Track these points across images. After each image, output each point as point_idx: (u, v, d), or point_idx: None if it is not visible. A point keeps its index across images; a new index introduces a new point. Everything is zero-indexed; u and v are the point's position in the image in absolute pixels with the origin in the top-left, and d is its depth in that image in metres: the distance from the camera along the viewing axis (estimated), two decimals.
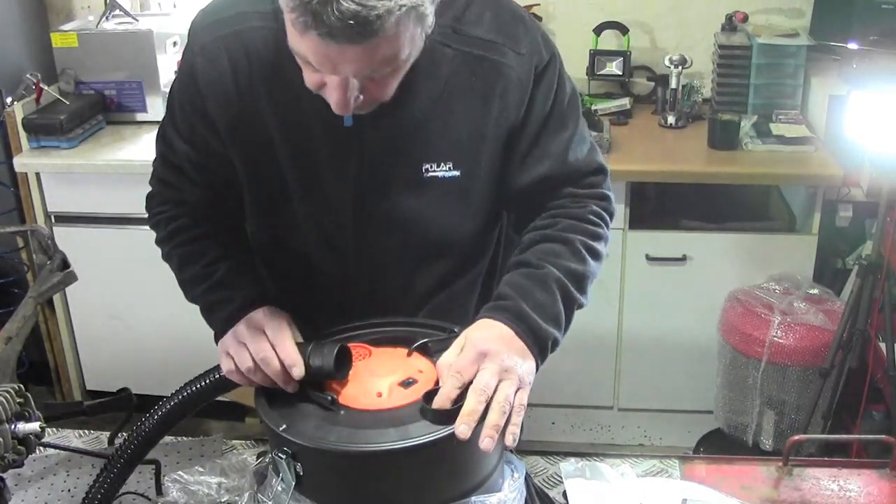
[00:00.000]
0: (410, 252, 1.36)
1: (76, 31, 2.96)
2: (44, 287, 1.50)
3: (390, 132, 1.26)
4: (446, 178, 1.28)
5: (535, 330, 1.20)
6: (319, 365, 1.15)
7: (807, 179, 2.70)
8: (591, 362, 2.91)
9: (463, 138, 1.27)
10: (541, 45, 1.29)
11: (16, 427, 1.18)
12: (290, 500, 1.10)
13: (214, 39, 1.27)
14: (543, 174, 1.31)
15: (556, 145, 1.31)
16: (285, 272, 1.43)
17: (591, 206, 1.34)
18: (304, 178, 1.30)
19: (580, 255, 1.28)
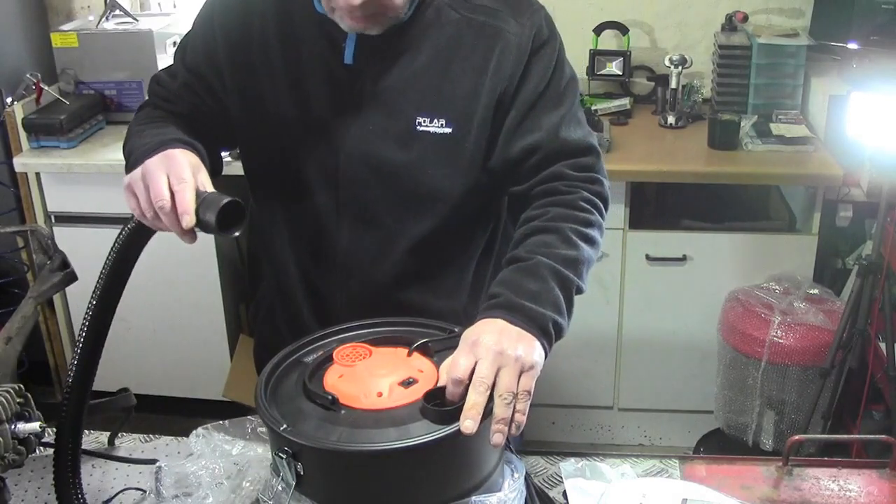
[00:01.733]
0: (396, 202, 1.37)
1: (76, 31, 2.96)
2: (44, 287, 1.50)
3: (387, 80, 1.31)
4: (438, 133, 1.32)
5: (532, 316, 1.17)
6: (204, 218, 1.13)
7: (807, 179, 2.70)
8: (591, 362, 2.91)
9: (458, 96, 1.31)
10: (543, 22, 1.35)
11: (16, 427, 1.18)
12: (290, 500, 1.10)
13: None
14: (534, 144, 1.33)
15: (549, 120, 1.33)
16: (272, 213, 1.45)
17: (582, 192, 1.33)
18: (303, 120, 1.35)
19: (571, 242, 1.27)
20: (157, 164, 1.20)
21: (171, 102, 1.43)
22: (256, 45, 1.36)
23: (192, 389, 2.99)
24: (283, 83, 1.35)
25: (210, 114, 1.42)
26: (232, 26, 1.37)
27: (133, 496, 1.40)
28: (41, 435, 1.22)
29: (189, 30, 1.46)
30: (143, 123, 1.39)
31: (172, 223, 1.16)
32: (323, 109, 1.34)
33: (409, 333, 1.26)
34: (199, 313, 2.95)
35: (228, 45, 1.37)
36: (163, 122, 1.38)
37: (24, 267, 3.00)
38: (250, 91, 1.37)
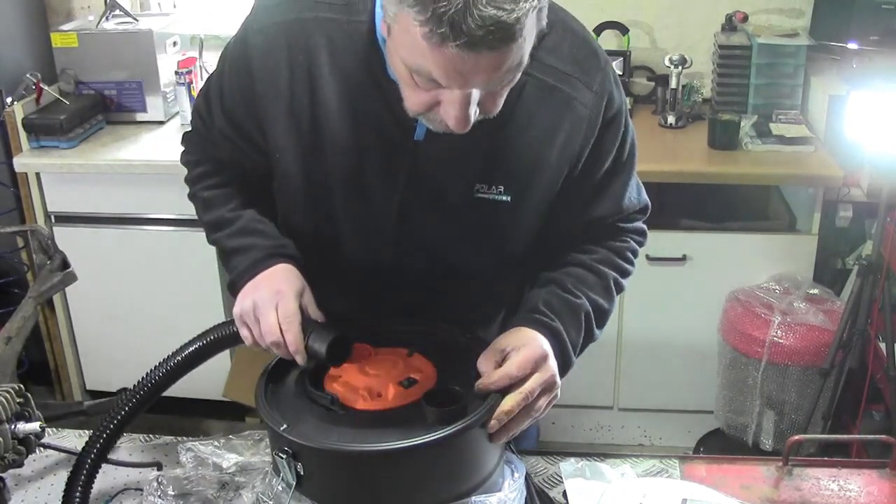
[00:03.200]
0: (446, 268, 1.33)
1: (76, 31, 2.96)
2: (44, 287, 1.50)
3: (447, 149, 1.21)
4: (496, 200, 1.25)
5: (566, 359, 1.25)
6: (315, 350, 1.17)
7: (807, 179, 2.70)
8: (591, 362, 2.90)
9: (521, 165, 1.24)
10: (612, 86, 1.26)
11: (16, 427, 1.18)
12: (290, 500, 1.10)
13: (275, 24, 1.22)
14: (600, 216, 1.33)
15: (616, 189, 1.32)
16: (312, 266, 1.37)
17: (631, 243, 1.37)
18: (352, 183, 1.27)
19: (609, 292, 1.32)
20: (266, 300, 1.21)
21: (213, 152, 1.40)
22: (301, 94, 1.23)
23: (192, 389, 2.96)
24: (333, 144, 1.25)
25: (251, 159, 1.35)
26: (274, 77, 1.23)
27: (133, 496, 1.40)
28: (41, 435, 1.22)
29: (218, 69, 1.33)
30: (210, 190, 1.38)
31: (285, 355, 1.20)
32: (377, 177, 1.26)
33: (410, 333, 1.26)
34: (199, 313, 2.95)
35: (272, 97, 1.24)
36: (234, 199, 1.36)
37: (24, 267, 3.00)
38: (294, 148, 1.27)
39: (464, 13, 0.95)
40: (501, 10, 0.96)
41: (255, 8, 1.27)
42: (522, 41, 1.01)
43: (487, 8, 0.95)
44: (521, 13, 0.97)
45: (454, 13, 0.95)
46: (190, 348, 1.26)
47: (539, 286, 1.31)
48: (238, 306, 1.25)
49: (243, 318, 1.24)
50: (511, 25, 0.97)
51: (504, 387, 1.12)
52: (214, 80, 1.34)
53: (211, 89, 1.35)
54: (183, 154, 1.46)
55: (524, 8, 0.97)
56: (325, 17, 1.20)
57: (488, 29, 0.96)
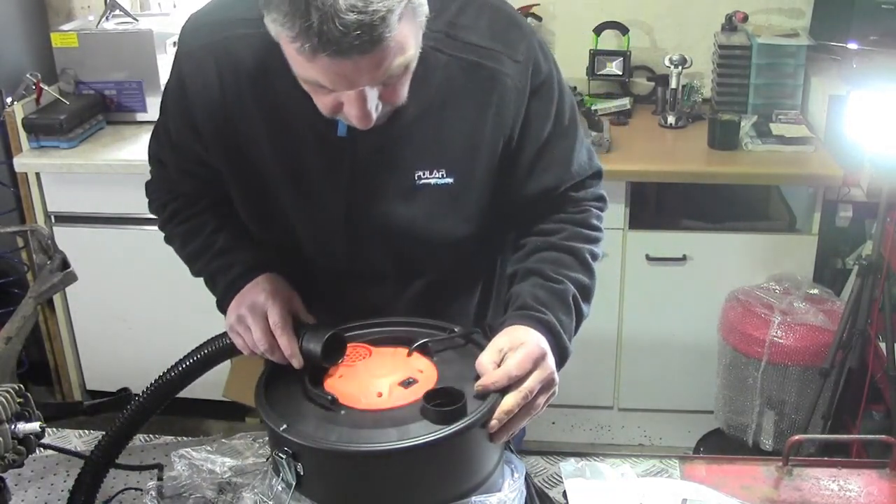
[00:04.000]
0: (403, 257, 1.35)
1: (76, 31, 2.96)
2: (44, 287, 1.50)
3: (382, 140, 1.23)
4: (439, 184, 1.27)
5: (563, 349, 1.25)
6: (310, 350, 1.18)
7: (807, 179, 2.70)
8: (591, 362, 2.91)
9: (456, 145, 1.26)
10: (538, 53, 1.27)
11: (16, 427, 1.18)
12: (290, 500, 1.10)
13: (202, 46, 1.26)
14: (549, 185, 1.32)
15: (561, 155, 1.32)
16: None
17: (592, 211, 1.36)
18: (295, 188, 1.29)
19: (588, 267, 1.32)
20: (255, 309, 1.24)
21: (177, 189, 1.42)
22: (239, 117, 1.26)
23: (192, 389, 2.95)
24: (272, 152, 1.27)
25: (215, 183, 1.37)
26: (208, 98, 1.27)
27: (133, 496, 1.40)
28: (41, 435, 1.22)
29: (162, 105, 1.38)
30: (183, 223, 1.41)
31: (281, 360, 1.22)
32: (319, 178, 1.28)
33: (409, 333, 1.26)
34: (198, 313, 2.95)
35: (208, 119, 1.28)
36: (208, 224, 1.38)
37: (24, 267, 3.00)
38: (238, 161, 1.30)
39: (326, 23, 0.97)
40: (362, 13, 0.98)
41: (181, 36, 1.30)
42: (400, 35, 1.03)
43: (348, 14, 0.97)
44: (385, 11, 0.99)
45: (318, 24, 0.97)
46: (187, 362, 1.28)
47: (520, 280, 1.31)
48: (228, 320, 1.28)
49: (234, 329, 1.26)
50: (376, 26, 0.99)
51: (504, 386, 1.13)
52: (160, 121, 1.38)
53: (159, 131, 1.40)
54: (150, 203, 1.48)
55: (386, 5, 0.99)
56: (246, 33, 1.22)
57: (355, 34, 0.98)
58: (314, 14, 0.97)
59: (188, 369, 1.28)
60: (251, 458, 1.35)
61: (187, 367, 1.28)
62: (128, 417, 1.27)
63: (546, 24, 3.19)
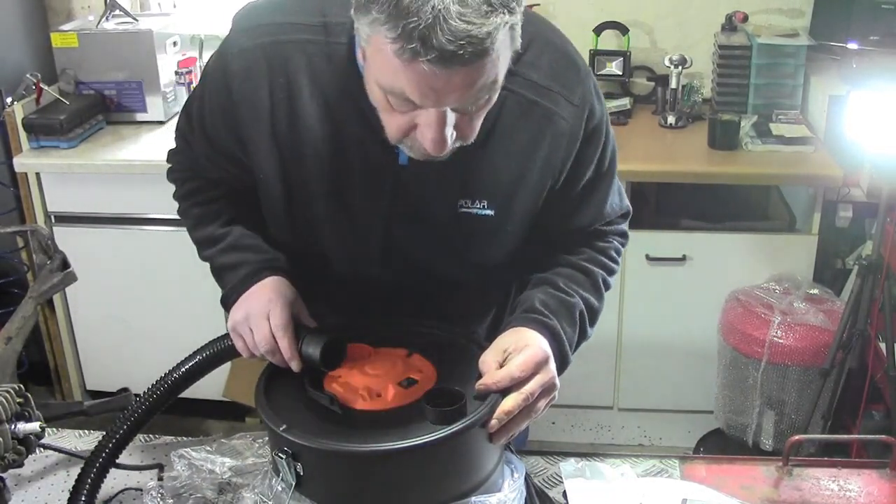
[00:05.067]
0: (433, 283, 1.35)
1: (76, 31, 2.96)
2: (44, 287, 1.50)
3: (429, 167, 1.18)
4: (479, 215, 1.26)
5: (564, 357, 1.27)
6: (309, 355, 1.19)
7: (807, 179, 2.70)
8: (591, 362, 2.91)
9: (503, 179, 1.24)
10: (593, 97, 1.26)
11: (16, 427, 1.18)
12: (290, 500, 1.10)
13: (255, 47, 1.21)
14: (583, 224, 1.36)
15: (599, 198, 1.35)
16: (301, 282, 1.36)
17: (614, 244, 1.40)
18: (335, 201, 1.27)
19: (599, 291, 1.35)
20: (259, 312, 1.24)
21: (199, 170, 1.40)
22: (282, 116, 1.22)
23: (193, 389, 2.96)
24: (315, 164, 1.24)
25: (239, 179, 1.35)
26: (256, 101, 1.22)
27: (133, 496, 1.40)
28: (41, 435, 1.23)
29: (198, 91, 1.33)
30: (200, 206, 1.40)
31: (280, 363, 1.22)
32: (360, 194, 1.26)
33: (410, 333, 1.26)
34: (198, 313, 2.95)
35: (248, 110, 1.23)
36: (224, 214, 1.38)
37: (24, 267, 3.00)
38: (277, 167, 1.26)
39: (434, 28, 0.95)
40: (472, 24, 0.96)
41: (233, 30, 1.25)
42: (496, 57, 1.01)
43: (458, 22, 0.95)
44: (492, 27, 0.98)
45: (424, 28, 0.95)
46: (187, 364, 1.28)
47: (532, 286, 1.32)
48: (231, 319, 1.27)
49: (237, 329, 1.26)
50: (482, 40, 0.97)
51: (506, 387, 1.13)
52: (195, 105, 1.33)
53: (192, 113, 1.34)
54: (169, 171, 1.46)
55: (495, 23, 0.98)
56: (304, 39, 1.20)
57: (459, 43, 0.96)
58: (423, 17, 0.95)
59: (189, 371, 1.28)
60: (251, 459, 1.35)
61: (188, 370, 1.28)
62: (128, 420, 1.27)
63: None
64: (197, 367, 1.28)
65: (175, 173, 1.45)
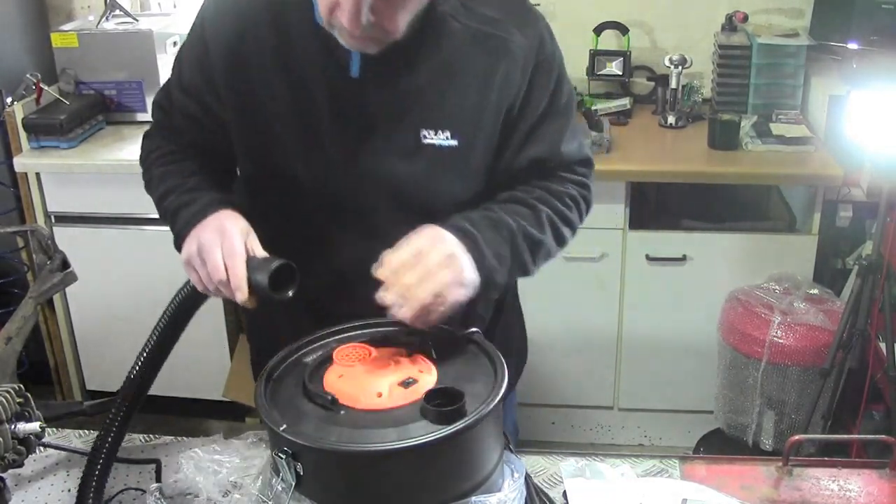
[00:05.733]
0: (401, 215, 1.35)
1: (76, 31, 2.96)
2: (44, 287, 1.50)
3: (392, 95, 1.29)
4: (443, 146, 1.31)
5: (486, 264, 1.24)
6: (258, 281, 1.18)
7: (807, 179, 2.70)
8: (591, 362, 2.91)
9: (463, 109, 1.31)
10: (545, 33, 1.34)
11: (16, 427, 1.18)
12: (290, 500, 1.10)
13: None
14: (536, 157, 1.36)
15: (553, 133, 1.36)
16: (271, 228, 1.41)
17: (570, 189, 1.39)
18: (303, 127, 1.33)
19: (542, 224, 1.33)
20: (210, 240, 1.24)
21: (177, 134, 1.45)
22: (253, 58, 1.32)
23: (192, 389, 2.99)
24: (284, 97, 1.32)
25: (214, 134, 1.41)
26: (224, 40, 1.34)
27: (133, 496, 1.40)
28: (41, 435, 1.22)
29: (182, 46, 1.45)
30: (165, 165, 1.43)
31: (231, 295, 1.22)
32: (327, 124, 1.32)
33: (410, 333, 1.26)
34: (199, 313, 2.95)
35: (222, 60, 1.34)
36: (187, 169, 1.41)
37: (24, 267, 3.00)
38: (249, 105, 1.35)
39: None
40: None
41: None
42: None
43: None
44: None
45: None
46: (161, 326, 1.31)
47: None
48: (184, 252, 1.28)
49: (190, 262, 1.26)
50: None
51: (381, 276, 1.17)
52: (174, 68, 1.44)
53: (171, 79, 1.44)
54: (140, 154, 1.50)
55: None
56: None
57: None
58: None
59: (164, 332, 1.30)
60: (257, 459, 1.35)
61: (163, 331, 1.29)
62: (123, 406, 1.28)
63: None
64: (170, 322, 1.29)
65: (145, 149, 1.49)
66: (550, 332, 2.85)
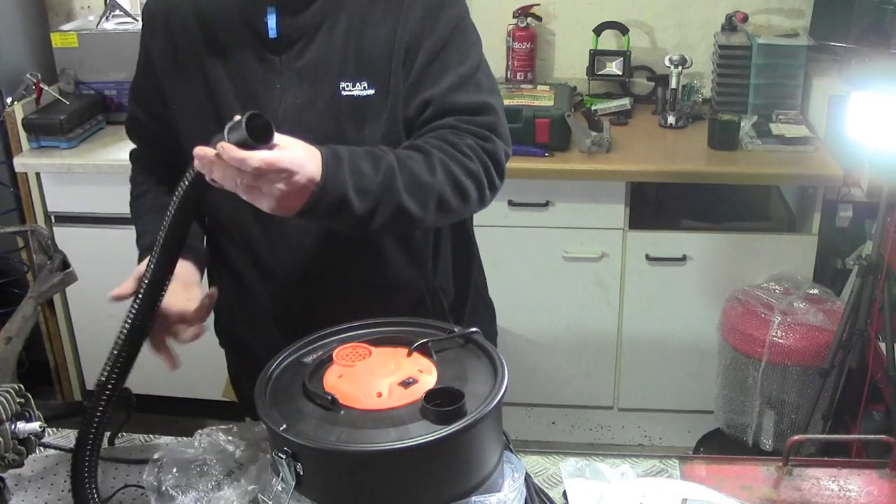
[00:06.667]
0: None
1: (76, 31, 2.97)
2: (44, 287, 1.50)
3: (311, 52, 1.35)
4: (361, 96, 1.35)
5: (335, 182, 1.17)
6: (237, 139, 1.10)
7: (807, 179, 2.70)
8: (591, 362, 2.91)
9: (375, 58, 1.35)
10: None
11: (16, 427, 1.18)
12: (290, 500, 1.10)
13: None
14: (427, 98, 1.35)
15: (447, 78, 1.35)
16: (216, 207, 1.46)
17: (468, 139, 1.33)
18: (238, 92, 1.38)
19: (432, 168, 1.27)
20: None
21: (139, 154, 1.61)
22: (184, 49, 1.40)
23: (192, 389, 2.99)
24: (217, 78, 1.38)
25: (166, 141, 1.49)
26: (158, 40, 1.43)
27: (133, 494, 1.40)
28: (41, 435, 1.23)
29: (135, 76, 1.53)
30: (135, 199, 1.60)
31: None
32: (257, 91, 1.37)
33: (409, 333, 1.26)
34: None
35: (160, 58, 1.43)
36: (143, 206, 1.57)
37: (24, 267, 3.00)
38: (188, 94, 1.41)
39: None
40: None
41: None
42: None
43: None
44: None
45: None
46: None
47: None
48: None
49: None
50: None
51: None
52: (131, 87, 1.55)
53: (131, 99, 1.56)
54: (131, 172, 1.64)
55: None
56: None
57: None
58: None
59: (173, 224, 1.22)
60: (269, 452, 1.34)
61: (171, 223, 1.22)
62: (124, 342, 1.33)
63: (546, 23, 3.19)
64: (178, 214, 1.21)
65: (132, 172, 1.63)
66: (550, 332, 2.85)
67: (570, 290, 2.82)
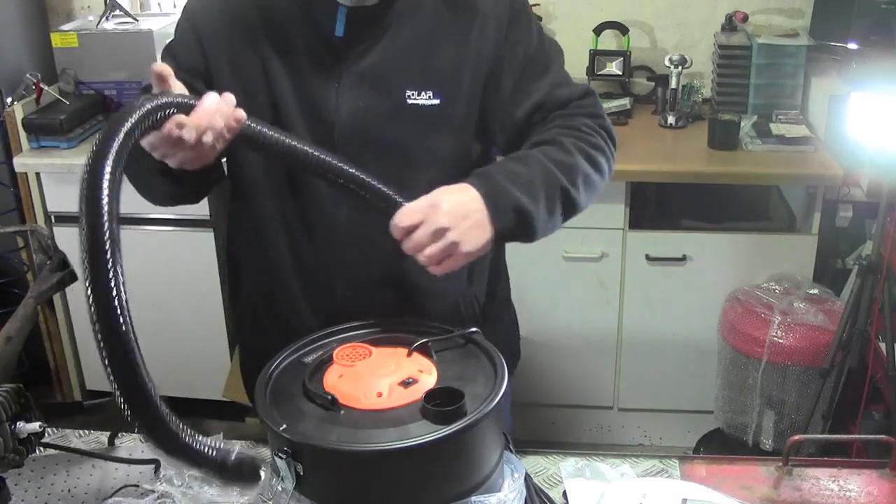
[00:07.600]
0: (391, 175, 1.34)
1: (76, 31, 2.96)
2: (44, 287, 1.50)
3: (376, 57, 1.36)
4: (426, 105, 1.37)
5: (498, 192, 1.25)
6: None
7: (807, 179, 2.70)
8: (591, 362, 2.91)
9: (443, 70, 1.37)
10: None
11: (16, 427, 1.18)
12: (290, 500, 1.10)
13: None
14: (535, 104, 1.39)
15: (544, 82, 1.41)
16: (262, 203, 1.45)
17: (582, 120, 1.40)
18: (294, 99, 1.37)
19: (567, 149, 1.34)
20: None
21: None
22: (243, 41, 1.38)
23: (192, 389, 2.99)
24: (275, 70, 1.37)
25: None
26: (216, 28, 1.40)
27: (133, 494, 1.40)
28: (41, 435, 1.23)
29: (172, 39, 1.46)
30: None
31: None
32: (314, 88, 1.37)
33: (410, 333, 1.26)
34: (199, 313, 2.95)
35: (216, 47, 1.39)
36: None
37: (24, 267, 3.00)
38: (244, 83, 1.38)
39: None
40: None
41: None
42: None
43: None
44: None
45: None
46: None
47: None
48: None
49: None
50: None
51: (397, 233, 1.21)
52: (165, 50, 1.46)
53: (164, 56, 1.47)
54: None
55: None
56: None
57: None
58: None
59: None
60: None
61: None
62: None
63: (546, 24, 3.19)
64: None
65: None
66: (550, 332, 2.85)
67: (570, 290, 2.82)
